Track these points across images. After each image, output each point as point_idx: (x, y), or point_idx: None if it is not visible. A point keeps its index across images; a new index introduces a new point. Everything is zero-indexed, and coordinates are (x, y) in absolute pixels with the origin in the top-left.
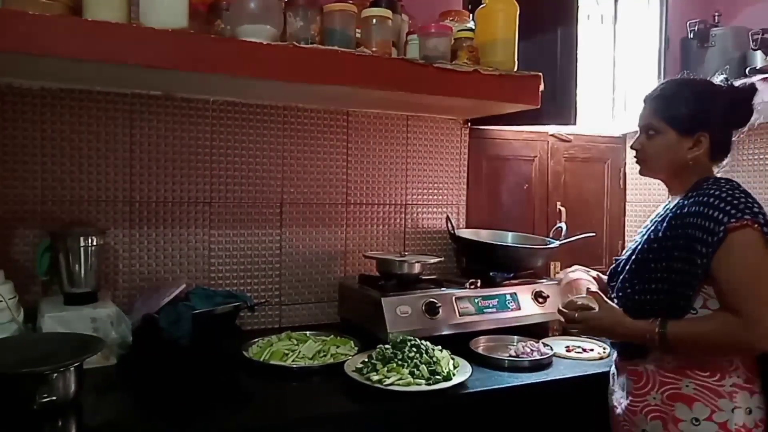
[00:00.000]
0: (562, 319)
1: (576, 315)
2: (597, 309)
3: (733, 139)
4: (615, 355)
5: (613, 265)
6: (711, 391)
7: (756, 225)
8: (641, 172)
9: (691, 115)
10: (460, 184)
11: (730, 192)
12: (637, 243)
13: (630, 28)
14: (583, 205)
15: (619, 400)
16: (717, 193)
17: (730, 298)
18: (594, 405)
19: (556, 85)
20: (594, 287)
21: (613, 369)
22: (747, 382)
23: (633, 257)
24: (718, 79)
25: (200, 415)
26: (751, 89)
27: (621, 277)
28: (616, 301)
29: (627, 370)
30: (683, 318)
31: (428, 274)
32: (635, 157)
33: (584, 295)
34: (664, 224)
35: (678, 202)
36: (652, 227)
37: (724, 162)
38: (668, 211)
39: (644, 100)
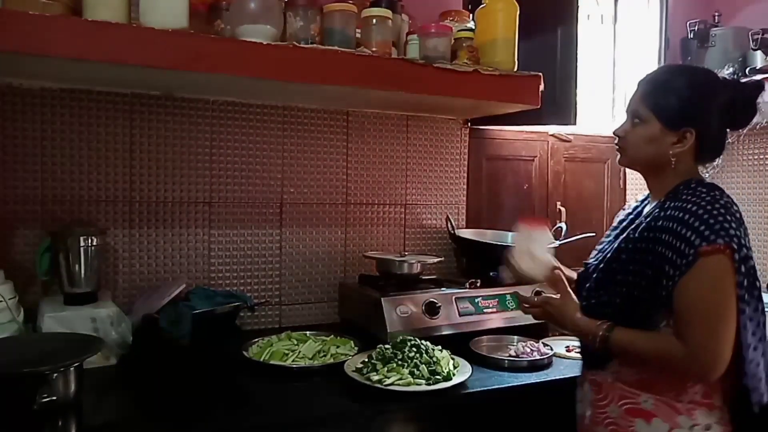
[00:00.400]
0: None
1: (536, 298)
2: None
3: (728, 141)
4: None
5: (582, 270)
6: (669, 407)
7: (728, 250)
8: (620, 162)
9: (680, 107)
10: (460, 184)
11: (707, 208)
12: (609, 240)
13: (630, 28)
14: (583, 204)
15: (584, 409)
16: (694, 208)
17: (681, 324)
18: None
19: (556, 85)
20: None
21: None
22: (705, 397)
23: (601, 266)
24: (725, 73)
25: (200, 415)
26: (756, 87)
27: (587, 285)
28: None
29: (588, 379)
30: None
31: (428, 274)
32: (616, 144)
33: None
34: (636, 234)
35: (654, 211)
36: (623, 234)
37: (715, 163)
38: (642, 218)
39: (638, 83)
